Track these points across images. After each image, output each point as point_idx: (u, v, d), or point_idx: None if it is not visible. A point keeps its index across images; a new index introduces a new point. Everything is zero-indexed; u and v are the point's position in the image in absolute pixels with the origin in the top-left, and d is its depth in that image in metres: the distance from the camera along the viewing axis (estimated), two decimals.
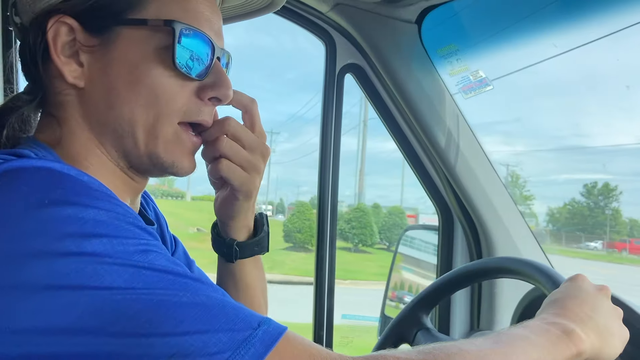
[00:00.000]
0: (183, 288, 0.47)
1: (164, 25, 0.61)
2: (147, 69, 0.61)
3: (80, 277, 0.44)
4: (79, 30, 0.61)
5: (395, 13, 1.37)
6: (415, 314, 0.99)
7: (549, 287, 0.77)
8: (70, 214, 0.47)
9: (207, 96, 0.65)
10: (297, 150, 48.57)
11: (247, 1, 0.73)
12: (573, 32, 1.33)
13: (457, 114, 1.45)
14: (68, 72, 0.61)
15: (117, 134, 0.62)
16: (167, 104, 0.62)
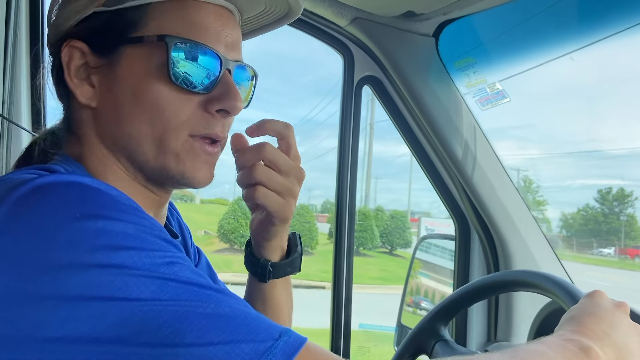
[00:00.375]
0: (207, 299, 0.49)
1: (157, 41, 0.62)
2: (148, 85, 0.62)
3: (110, 288, 0.46)
4: (88, 52, 0.64)
5: (412, 27, 1.39)
6: (433, 325, 1.00)
7: (568, 302, 0.78)
8: (100, 227, 0.49)
9: (214, 109, 0.64)
10: (307, 153, 48.56)
11: (264, 11, 0.73)
12: (591, 46, 1.34)
13: (474, 125, 1.46)
14: (80, 93, 0.64)
15: (128, 150, 0.64)
16: (171, 118, 0.62)
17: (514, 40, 1.48)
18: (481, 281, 0.97)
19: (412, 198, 41.39)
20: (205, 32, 0.64)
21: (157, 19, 0.63)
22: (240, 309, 0.50)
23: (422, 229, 19.38)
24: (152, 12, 0.63)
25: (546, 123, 66.95)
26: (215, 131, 0.65)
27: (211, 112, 0.64)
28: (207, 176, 0.67)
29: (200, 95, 0.64)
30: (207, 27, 0.64)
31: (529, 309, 1.43)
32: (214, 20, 0.65)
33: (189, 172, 0.65)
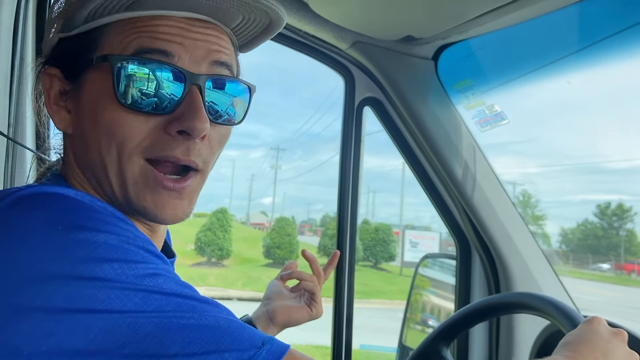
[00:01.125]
0: (191, 310, 0.49)
1: (102, 62, 0.58)
2: (102, 108, 0.58)
3: (94, 301, 0.46)
4: (62, 78, 0.63)
5: (412, 50, 1.42)
6: (435, 347, 1.00)
7: (567, 326, 0.79)
8: (82, 239, 0.49)
9: (174, 130, 0.58)
10: (301, 167, 48.63)
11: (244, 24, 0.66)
12: (587, 69, 1.36)
13: (474, 146, 1.48)
14: (57, 120, 0.63)
15: (97, 179, 0.61)
16: (126, 140, 0.57)
17: (511, 63, 1.51)
18: (484, 302, 0.98)
19: (413, 212, 41.30)
20: (162, 41, 0.58)
21: (110, 36, 0.59)
22: (224, 318, 0.51)
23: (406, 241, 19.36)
24: (107, 32, 0.59)
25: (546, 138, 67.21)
26: (174, 154, 0.58)
27: (171, 134, 0.58)
28: (176, 213, 0.61)
29: (160, 116, 0.58)
30: (165, 35, 0.58)
31: (530, 331, 1.43)
32: (176, 30, 0.59)
33: (151, 207, 0.59)
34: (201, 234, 19.83)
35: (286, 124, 67.83)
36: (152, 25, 0.58)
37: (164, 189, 0.59)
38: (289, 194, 50.95)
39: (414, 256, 19.01)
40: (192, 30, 0.60)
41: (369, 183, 37.76)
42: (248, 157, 64.11)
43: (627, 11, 1.19)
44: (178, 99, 0.58)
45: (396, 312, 12.42)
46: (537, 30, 1.26)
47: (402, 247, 19.61)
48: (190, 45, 0.59)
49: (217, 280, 16.72)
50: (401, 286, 17.61)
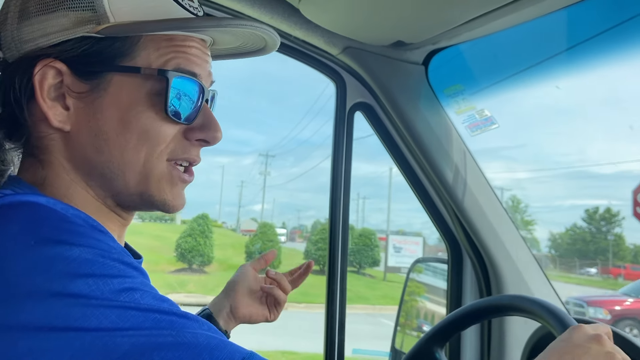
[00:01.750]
0: (169, 327, 0.49)
1: (157, 75, 0.62)
2: (137, 113, 0.61)
3: (68, 319, 0.45)
4: (68, 74, 0.61)
5: (403, 56, 1.43)
6: (429, 348, 1.01)
7: (558, 328, 0.80)
8: (56, 254, 0.48)
9: (195, 138, 0.66)
10: (291, 174, 48.79)
11: (239, 46, 0.74)
12: (576, 75, 1.38)
13: (464, 151, 1.49)
14: (53, 116, 0.61)
15: (107, 176, 0.63)
16: (157, 144, 0.63)
17: (501, 68, 1.52)
18: (477, 304, 0.98)
19: (405, 219, 41.39)
20: (192, 64, 0.65)
21: (148, 49, 0.62)
22: (203, 334, 0.50)
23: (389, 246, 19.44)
24: (143, 43, 0.62)
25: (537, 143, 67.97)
26: (192, 156, 0.67)
27: (191, 140, 0.66)
28: (184, 202, 0.69)
29: (182, 124, 0.65)
30: (193, 58, 0.65)
31: (521, 333, 1.44)
32: (197, 50, 0.66)
33: (170, 199, 0.66)
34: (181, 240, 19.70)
35: (278, 130, 67.98)
36: (186, 47, 0.65)
37: (182, 182, 0.67)
38: (280, 201, 50.88)
39: (397, 261, 19.09)
40: (204, 52, 0.68)
41: (358, 189, 37.88)
42: (240, 163, 64.06)
43: (613, 11, 1.22)
44: (197, 112, 0.66)
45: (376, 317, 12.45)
46: (526, 33, 1.28)
47: (386, 253, 19.68)
48: (204, 68, 0.67)
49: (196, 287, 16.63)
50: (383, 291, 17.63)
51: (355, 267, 21.13)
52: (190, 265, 19.49)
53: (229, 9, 1.26)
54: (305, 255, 21.94)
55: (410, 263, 1.95)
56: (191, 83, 0.64)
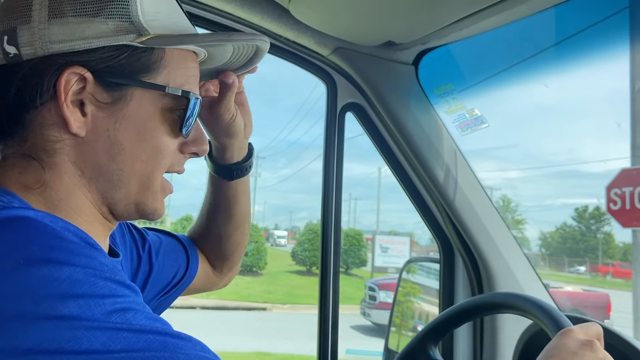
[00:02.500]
0: (162, 348, 0.48)
1: (180, 95, 0.66)
2: (153, 128, 0.64)
3: (59, 341, 0.44)
4: (92, 82, 0.61)
5: (393, 56, 1.44)
6: (424, 345, 1.01)
7: (550, 325, 0.80)
8: (45, 275, 0.47)
9: (189, 151, 0.70)
10: (282, 175, 48.74)
11: (231, 58, 0.77)
12: (563, 73, 1.40)
13: (455, 150, 1.50)
14: (73, 121, 0.60)
15: (112, 183, 0.64)
16: (163, 159, 0.66)
17: (490, 67, 1.53)
18: (470, 302, 0.99)
19: (397, 219, 41.39)
20: (193, 83, 0.68)
21: (169, 67, 0.65)
22: (197, 355, 0.50)
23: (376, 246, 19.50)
24: (166, 60, 0.65)
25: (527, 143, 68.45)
26: (181, 168, 0.71)
27: (184, 154, 0.70)
28: (164, 210, 0.72)
29: (182, 138, 0.69)
30: (194, 78, 0.69)
31: (513, 330, 1.45)
32: (196, 70, 0.70)
33: (159, 208, 0.69)
34: None
35: (268, 132, 67.91)
36: (192, 69, 0.68)
37: (169, 191, 0.71)
38: (273, 202, 50.80)
39: (384, 261, 19.15)
40: (197, 68, 0.71)
41: (349, 190, 37.92)
42: None
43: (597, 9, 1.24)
44: (191, 127, 0.69)
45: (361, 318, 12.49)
46: (515, 31, 1.29)
47: (373, 253, 19.72)
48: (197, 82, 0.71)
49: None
50: None
51: (342, 268, 21.17)
52: None
53: (219, 10, 1.26)
54: (292, 256, 21.94)
55: (397, 263, 1.96)
56: (198, 103, 0.68)
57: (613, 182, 4.99)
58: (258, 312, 14.20)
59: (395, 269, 18.96)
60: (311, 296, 15.72)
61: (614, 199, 4.90)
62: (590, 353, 0.67)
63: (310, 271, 20.55)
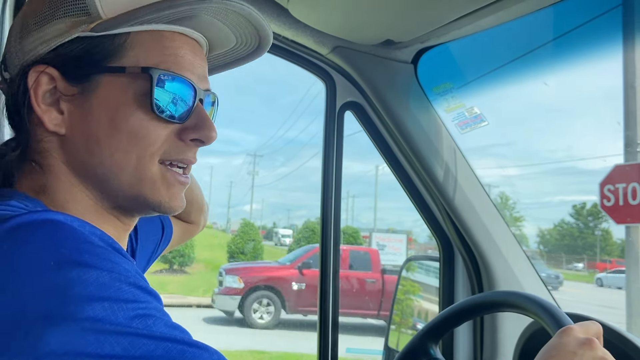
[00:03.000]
0: (180, 356, 0.48)
1: (141, 72, 0.62)
2: (126, 114, 0.62)
3: (82, 344, 0.45)
4: (60, 79, 0.62)
5: (392, 54, 1.43)
6: (424, 344, 1.01)
7: (550, 323, 0.80)
8: (74, 277, 0.47)
9: (189, 138, 0.66)
10: (280, 173, 48.79)
11: (233, 48, 0.75)
12: (561, 70, 1.40)
13: (454, 148, 1.50)
14: (48, 120, 0.62)
15: (101, 179, 0.63)
16: (148, 146, 0.63)
17: (489, 65, 1.53)
18: (471, 300, 0.99)
19: (395, 217, 41.37)
20: (181, 63, 0.65)
21: (135, 48, 0.63)
22: None
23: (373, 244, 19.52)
24: (131, 42, 0.63)
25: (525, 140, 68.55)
26: (188, 157, 0.67)
27: (185, 141, 0.66)
28: (182, 204, 0.68)
29: (175, 124, 0.65)
30: (182, 58, 0.65)
31: (514, 329, 1.45)
32: (187, 51, 0.66)
33: (166, 201, 0.66)
34: None
35: (267, 129, 67.92)
36: (174, 47, 0.65)
37: (178, 183, 0.67)
38: (271, 201, 50.81)
39: (381, 259, 19.16)
40: (195, 50, 0.68)
41: (347, 187, 37.96)
42: (230, 164, 63.90)
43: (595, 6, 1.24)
44: (190, 111, 0.66)
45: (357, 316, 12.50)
46: (514, 29, 1.29)
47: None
48: (195, 71, 0.67)
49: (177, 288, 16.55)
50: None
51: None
52: (171, 266, 19.37)
53: None
54: (289, 253, 21.96)
55: (394, 260, 1.96)
56: (179, 81, 0.64)
57: (606, 178, 4.98)
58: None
59: (392, 266, 19.01)
60: None
61: (608, 195, 4.90)
62: (589, 352, 0.67)
63: None
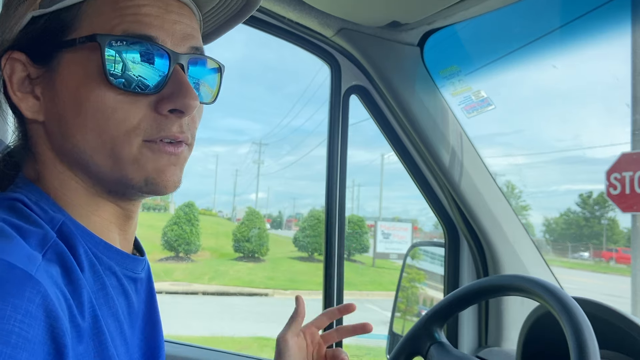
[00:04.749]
0: None
1: (89, 42, 0.56)
2: (88, 91, 0.56)
3: None
4: (28, 63, 0.59)
5: (398, 37, 1.41)
6: (429, 328, 1.00)
7: (556, 307, 0.79)
8: None
9: (166, 109, 0.58)
10: (285, 161, 48.78)
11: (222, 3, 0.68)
12: (572, 52, 1.37)
13: (461, 133, 1.48)
14: (25, 108, 0.60)
15: (81, 164, 0.59)
16: (120, 124, 0.57)
17: (497, 48, 1.51)
18: (477, 284, 0.98)
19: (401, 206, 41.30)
20: (143, 21, 0.57)
21: (89, 17, 0.57)
22: None
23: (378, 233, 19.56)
24: (85, 12, 0.58)
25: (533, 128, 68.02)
26: (172, 132, 0.59)
27: (163, 114, 0.58)
28: (174, 180, 0.60)
29: (149, 96, 0.58)
30: (148, 21, 0.57)
31: (518, 314, 1.45)
32: (156, 12, 0.58)
33: (152, 177, 0.59)
34: (167, 229, 19.64)
35: (273, 118, 67.77)
36: (134, 7, 0.57)
37: (165, 154, 0.59)
38: (276, 189, 50.91)
39: (386, 247, 19.20)
40: (170, 11, 0.60)
41: (353, 176, 37.95)
42: (236, 152, 64.01)
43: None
44: (165, 79, 0.58)
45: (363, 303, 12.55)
46: (522, 9, 1.26)
47: (374, 239, 19.77)
48: (169, 29, 0.59)
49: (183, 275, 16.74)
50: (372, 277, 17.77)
51: (344, 254, 21.25)
52: (176, 254, 19.51)
53: None
54: (294, 242, 22.02)
55: (399, 249, 1.94)
56: (141, 44, 0.57)
57: (613, 166, 4.95)
58: (260, 298, 14.34)
59: (397, 255, 19.03)
60: (313, 282, 15.86)
61: (614, 184, 4.88)
62: None
63: (312, 257, 20.65)
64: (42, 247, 0.51)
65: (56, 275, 0.50)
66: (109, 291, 0.59)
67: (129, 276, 0.64)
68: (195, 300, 12.81)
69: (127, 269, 0.64)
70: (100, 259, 0.60)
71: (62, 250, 0.53)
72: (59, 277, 0.50)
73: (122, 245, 0.66)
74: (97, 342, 0.53)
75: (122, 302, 0.62)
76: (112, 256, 0.62)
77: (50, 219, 0.56)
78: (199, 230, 20.05)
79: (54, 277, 0.49)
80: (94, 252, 0.59)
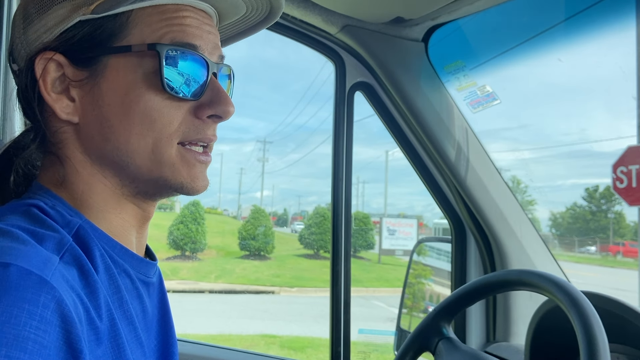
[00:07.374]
0: None
1: (148, 50, 0.59)
2: (137, 96, 0.59)
3: None
4: (67, 65, 0.60)
5: (402, 33, 1.41)
6: (437, 323, 1.00)
7: (565, 301, 0.79)
8: None
9: (205, 114, 0.63)
10: (290, 159, 48.88)
11: (244, 16, 0.72)
12: (577, 45, 1.36)
13: (466, 128, 1.47)
14: (60, 108, 0.61)
15: (118, 165, 0.61)
16: (164, 127, 0.60)
17: (502, 42, 1.50)
18: (485, 279, 0.97)
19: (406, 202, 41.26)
20: (189, 36, 0.62)
21: (139, 26, 0.60)
22: None
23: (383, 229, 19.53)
24: (134, 20, 0.60)
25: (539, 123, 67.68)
26: (207, 135, 0.64)
27: (202, 119, 0.63)
28: (205, 184, 0.65)
29: (189, 101, 0.62)
30: (190, 30, 0.62)
31: (526, 308, 1.44)
32: (194, 21, 0.63)
33: (188, 182, 0.63)
34: (173, 228, 19.71)
35: (277, 116, 67.86)
36: (179, 17, 0.62)
37: (200, 163, 0.64)
38: (281, 187, 51.00)
39: (391, 244, 19.16)
40: (205, 23, 0.65)
41: (357, 173, 37.94)
42: (240, 151, 64.13)
43: None
44: (204, 86, 0.63)
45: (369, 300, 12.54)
46: (526, 3, 1.26)
47: (380, 235, 19.74)
48: (206, 38, 0.64)
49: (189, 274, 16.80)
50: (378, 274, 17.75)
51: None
52: (183, 253, 19.58)
53: None
54: (300, 239, 22.04)
55: (404, 245, 1.94)
56: (190, 55, 0.61)
57: (619, 159, 4.95)
58: (266, 296, 14.37)
59: (402, 251, 19.02)
60: (319, 279, 15.87)
61: (620, 177, 4.87)
62: None
63: (318, 254, 20.65)
64: (59, 251, 0.52)
65: (73, 279, 0.51)
66: (123, 295, 0.59)
67: (142, 280, 0.65)
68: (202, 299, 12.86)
69: (140, 273, 0.65)
70: (115, 261, 0.61)
71: (78, 254, 0.54)
72: (76, 280, 0.51)
73: (137, 249, 0.67)
74: (115, 345, 0.54)
75: (136, 306, 0.62)
76: (127, 259, 0.63)
77: (67, 222, 0.57)
78: (205, 229, 20.10)
79: (71, 280, 0.50)
80: (109, 255, 0.60)
